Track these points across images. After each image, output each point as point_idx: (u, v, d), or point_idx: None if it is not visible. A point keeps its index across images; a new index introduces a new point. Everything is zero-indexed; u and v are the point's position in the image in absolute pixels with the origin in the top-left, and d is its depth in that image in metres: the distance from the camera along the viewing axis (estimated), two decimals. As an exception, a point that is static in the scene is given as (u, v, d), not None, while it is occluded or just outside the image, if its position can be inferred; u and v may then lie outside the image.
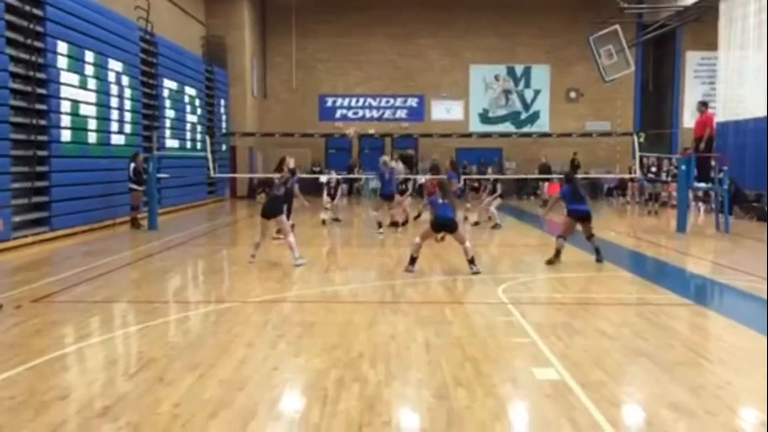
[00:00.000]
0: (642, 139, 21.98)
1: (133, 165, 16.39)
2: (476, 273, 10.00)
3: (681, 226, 15.63)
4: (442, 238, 11.83)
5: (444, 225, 10.35)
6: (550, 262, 11.03)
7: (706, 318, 7.87)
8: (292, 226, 12.49)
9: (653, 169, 25.00)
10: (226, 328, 6.98)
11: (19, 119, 13.25)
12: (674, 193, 19.81)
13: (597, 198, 27.86)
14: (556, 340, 6.48)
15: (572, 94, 31.29)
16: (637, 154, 20.83)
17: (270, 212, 11.20)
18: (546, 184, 23.83)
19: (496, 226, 16.50)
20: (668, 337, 6.73)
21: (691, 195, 19.90)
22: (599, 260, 11.17)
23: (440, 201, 10.44)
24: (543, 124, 31.40)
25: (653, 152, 25.22)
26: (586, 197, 12.04)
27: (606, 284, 9.69)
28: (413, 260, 10.31)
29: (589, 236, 11.43)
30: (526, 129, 31.14)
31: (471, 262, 10.16)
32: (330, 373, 5.47)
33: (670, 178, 23.13)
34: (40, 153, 13.94)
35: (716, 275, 10.59)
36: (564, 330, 6.86)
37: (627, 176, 23.44)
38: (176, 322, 7.47)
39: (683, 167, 15.90)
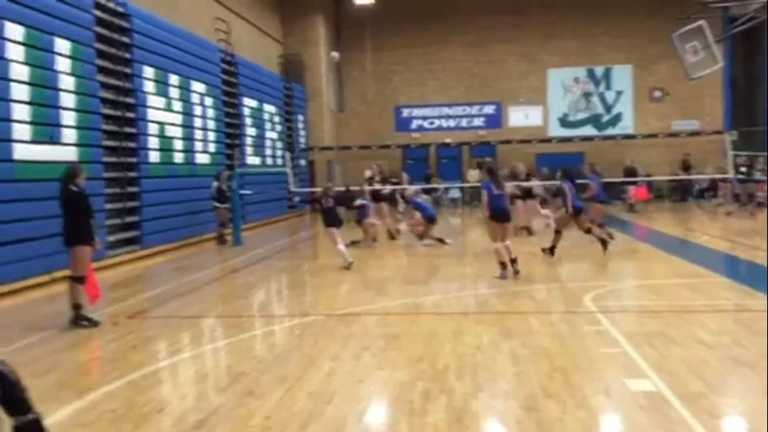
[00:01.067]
0: (734, 138, 21.02)
1: (216, 183, 16.85)
2: (517, 272, 10.38)
3: (779, 228, 14.82)
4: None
5: (500, 216, 10.62)
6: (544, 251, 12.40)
7: (813, 324, 7.40)
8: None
9: (743, 168, 23.86)
10: (311, 342, 7.05)
11: (111, 143, 13.87)
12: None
13: (687, 200, 26.83)
14: (650, 349, 6.22)
15: (656, 94, 30.27)
16: (729, 153, 19.94)
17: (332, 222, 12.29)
18: (632, 187, 23.09)
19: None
20: (771, 345, 6.36)
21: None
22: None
23: (495, 192, 10.61)
24: (626, 126, 30.49)
25: (747, 150, 24.07)
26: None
27: (701, 290, 9.26)
28: (504, 265, 10.41)
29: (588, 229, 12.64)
30: (608, 131, 30.32)
31: (514, 261, 10.48)
32: (416, 386, 5.43)
33: (766, 177, 22.01)
34: (131, 174, 14.55)
35: (821, 278, 9.97)
36: (658, 339, 6.58)
37: (719, 176, 22.43)
38: (263, 335, 7.61)
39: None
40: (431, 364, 6.02)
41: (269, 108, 24.21)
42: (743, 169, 23.72)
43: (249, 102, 22.19)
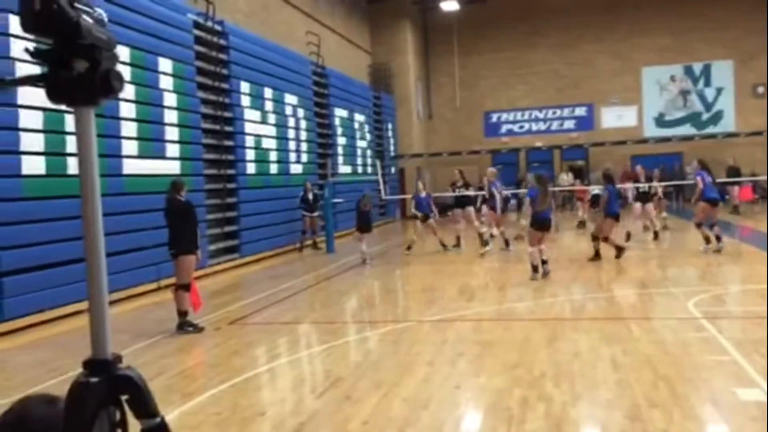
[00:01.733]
0: None
1: (302, 192, 17.24)
2: (546, 273, 10.86)
3: None
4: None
5: (543, 224, 11.14)
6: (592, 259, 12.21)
7: None
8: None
9: None
10: (406, 347, 7.11)
11: (210, 156, 14.45)
12: None
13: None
14: (760, 357, 5.93)
15: (760, 89, 28.72)
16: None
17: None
18: (736, 188, 22.01)
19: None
20: None
21: None
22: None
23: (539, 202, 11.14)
24: (728, 124, 29.09)
25: None
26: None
27: (815, 295, 8.73)
28: (535, 268, 10.88)
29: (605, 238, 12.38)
30: (709, 130, 29.02)
31: (545, 262, 10.96)
32: (513, 392, 5.39)
33: None
34: (229, 186, 15.10)
35: None
36: (768, 347, 6.27)
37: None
38: (358, 341, 7.73)
39: None
40: (528, 370, 5.96)
41: (359, 117, 24.57)
42: None
43: (339, 112, 22.59)
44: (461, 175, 16.67)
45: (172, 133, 12.72)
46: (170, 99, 12.73)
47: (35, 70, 1.36)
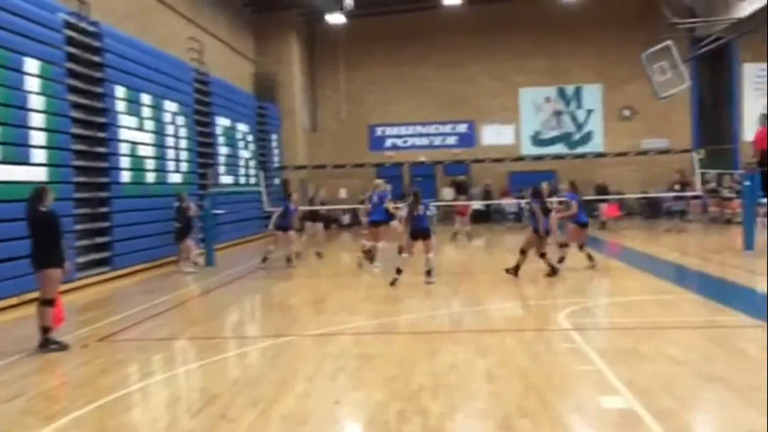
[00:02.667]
0: (701, 156, 21.42)
1: (177, 204, 16.43)
2: (430, 283, 11.62)
3: (748, 244, 15.07)
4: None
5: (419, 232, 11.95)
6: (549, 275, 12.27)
7: (781, 339, 7.51)
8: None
9: (712, 185, 24.33)
10: (285, 363, 6.99)
11: (81, 162, 13.71)
12: (738, 210, 19.18)
13: (658, 217, 27.18)
14: (623, 366, 6.27)
15: (626, 113, 30.73)
16: (698, 171, 20.30)
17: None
18: (604, 205, 23.35)
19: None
20: (740, 360, 6.45)
21: (758, 211, 19.20)
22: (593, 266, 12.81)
23: (415, 213, 11.97)
24: (597, 144, 30.88)
25: (714, 168, 24.54)
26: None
27: (672, 307, 9.37)
28: (399, 271, 11.71)
29: (543, 254, 12.52)
30: (579, 150, 30.70)
31: (428, 273, 11.75)
32: (391, 406, 5.41)
33: (734, 195, 22.43)
34: (101, 194, 14.38)
35: (789, 294, 10.13)
36: (631, 356, 6.64)
37: (688, 194, 22.79)
38: (236, 357, 7.52)
39: (747, 183, 15.38)
40: (406, 383, 6.00)
41: (242, 127, 24.14)
42: (713, 185, 24.22)
43: (222, 121, 22.11)
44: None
45: (38, 138, 11.99)
46: (37, 101, 12.01)
47: None
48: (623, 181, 27.52)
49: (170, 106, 17.77)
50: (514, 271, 12.31)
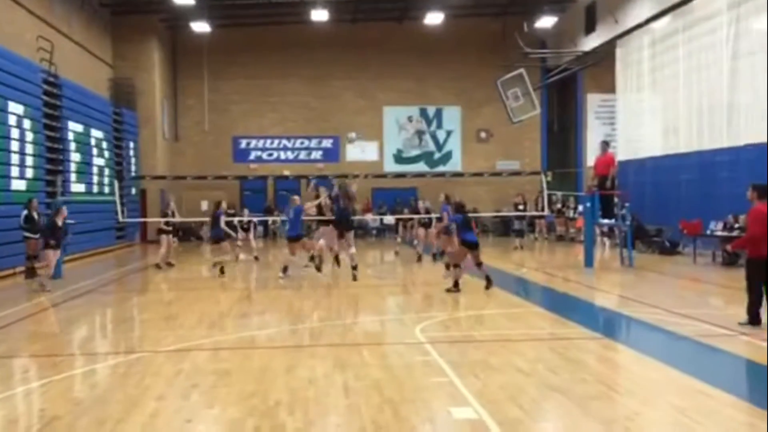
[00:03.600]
0: (549, 178, 22.83)
1: (25, 212, 15.41)
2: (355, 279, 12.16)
3: (588, 261, 16.21)
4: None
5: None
6: (449, 291, 12.16)
7: (615, 351, 8.14)
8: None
9: (558, 206, 26.02)
10: (135, 381, 6.69)
11: None
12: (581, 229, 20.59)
13: (509, 235, 28.62)
14: (474, 378, 6.54)
15: (482, 135, 32.22)
16: (545, 192, 21.60)
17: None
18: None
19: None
20: (580, 371, 6.92)
21: (597, 230, 20.71)
22: (489, 287, 12.32)
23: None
24: (455, 164, 32.12)
25: (560, 190, 26.23)
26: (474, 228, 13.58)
27: (520, 320, 9.89)
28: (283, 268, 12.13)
29: (479, 264, 12.49)
30: (439, 169, 31.78)
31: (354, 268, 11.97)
32: (246, 423, 5.33)
33: (577, 215, 24.07)
34: (-68, 200, 13.16)
35: (623, 308, 10.98)
36: (481, 368, 6.94)
37: (536, 213, 24.19)
38: (82, 375, 7.11)
39: (588, 204, 16.56)
40: (263, 399, 5.94)
41: (97, 133, 22.95)
42: (559, 206, 25.87)
43: (74, 126, 20.91)
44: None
45: None
46: None
47: None
48: (479, 200, 28.75)
49: (15, 107, 16.59)
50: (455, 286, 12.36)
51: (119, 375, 7.04)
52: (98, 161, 23.09)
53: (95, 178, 22.74)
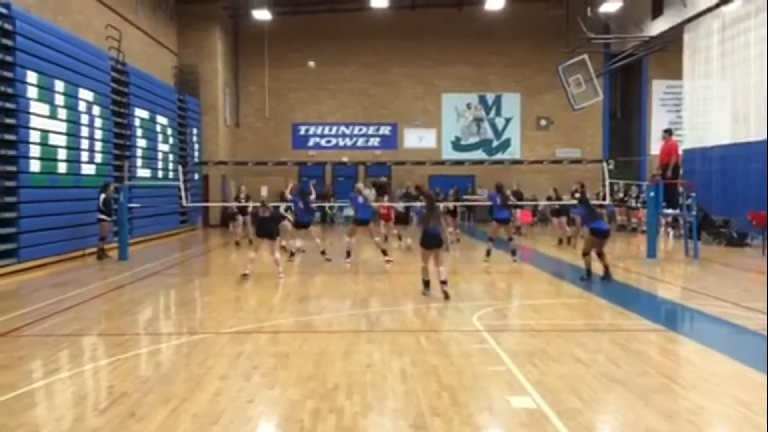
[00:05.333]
0: (611, 166, 22.34)
1: (103, 195, 16.19)
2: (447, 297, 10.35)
3: (651, 252, 15.83)
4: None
5: (433, 241, 10.60)
6: (583, 280, 12.09)
7: (678, 343, 7.96)
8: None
9: (620, 195, 25.45)
10: (199, 361, 6.88)
11: (-13, 149, 13.09)
12: (644, 219, 20.13)
13: (571, 224, 28.15)
14: (532, 367, 6.50)
15: (542, 122, 31.76)
16: (607, 180, 21.15)
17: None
18: (518, 211, 24.00)
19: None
20: (641, 363, 6.79)
21: (661, 221, 20.21)
22: (607, 277, 12.27)
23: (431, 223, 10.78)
24: (514, 152, 31.77)
25: (623, 179, 25.64)
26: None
27: (579, 310, 9.76)
28: (426, 284, 10.77)
29: (600, 254, 12.40)
30: (497, 156, 31.48)
31: (444, 282, 10.49)
32: (305, 405, 5.42)
33: (639, 205, 23.50)
34: (8, 184, 13.74)
35: (686, 300, 10.73)
36: (539, 357, 6.88)
37: (596, 203, 23.69)
38: (148, 354, 7.36)
39: (651, 194, 16.16)
40: (321, 382, 6.03)
41: (162, 120, 23.54)
42: (621, 195, 25.31)
43: (140, 113, 21.49)
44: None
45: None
46: (-59, 83, 11.36)
47: None
48: (538, 189, 28.37)
49: (86, 94, 17.15)
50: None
51: (183, 355, 7.25)
52: (163, 147, 23.69)
53: (160, 164, 23.36)
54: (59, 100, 15.78)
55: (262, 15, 27.46)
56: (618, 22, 27.21)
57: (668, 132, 17.21)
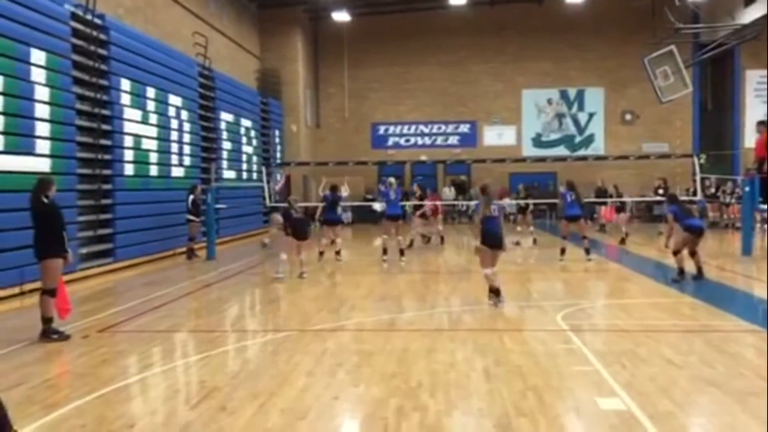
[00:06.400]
0: (702, 161, 21.45)
1: (192, 197, 16.79)
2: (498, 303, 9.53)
3: (746, 249, 15.12)
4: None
5: (493, 242, 9.62)
6: (675, 281, 11.56)
7: (778, 345, 7.56)
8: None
9: (712, 190, 24.38)
10: (285, 357, 7.03)
11: (85, 154, 13.76)
12: (738, 215, 19.24)
13: (654, 221, 27.24)
14: (621, 368, 6.32)
15: (627, 116, 30.80)
16: (698, 175, 20.33)
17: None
18: (603, 207, 23.38)
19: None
20: (737, 365, 6.49)
21: (756, 217, 19.27)
22: (700, 276, 11.72)
23: (488, 214, 9.67)
24: (598, 147, 30.94)
25: (715, 173, 24.57)
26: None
27: (670, 310, 9.41)
28: (496, 291, 9.61)
29: (693, 252, 11.90)
30: (581, 152, 30.74)
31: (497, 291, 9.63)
32: (389, 403, 5.45)
33: (733, 200, 22.48)
34: (105, 187, 14.43)
35: (786, 300, 10.18)
36: (628, 358, 6.68)
37: (687, 199, 22.82)
38: (236, 351, 7.57)
39: (747, 188, 15.43)
40: (405, 380, 6.05)
41: (246, 122, 24.19)
42: (713, 191, 24.26)
43: (226, 116, 22.15)
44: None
45: (42, 129, 12.03)
46: (42, 92, 12.05)
47: None
48: (623, 185, 27.50)
49: (175, 100, 17.82)
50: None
51: (270, 352, 7.42)
52: (247, 149, 24.34)
53: (244, 165, 24.00)
54: (150, 105, 16.46)
55: (341, 16, 27.81)
56: (708, 10, 26.06)
57: (763, 124, 16.36)
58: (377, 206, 19.17)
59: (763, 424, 4.85)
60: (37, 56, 11.94)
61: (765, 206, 16.24)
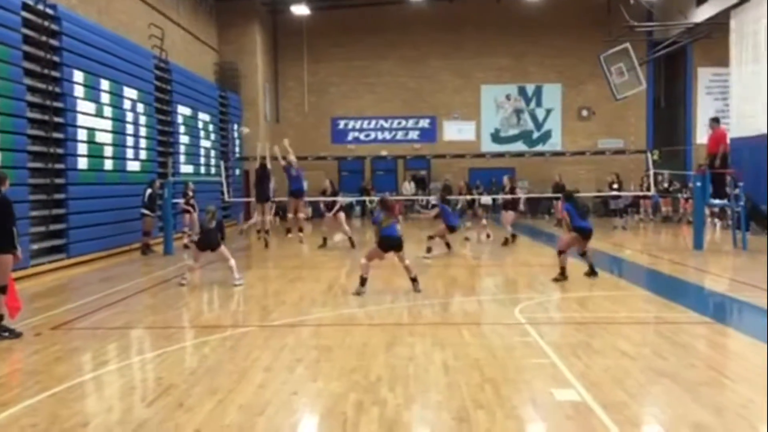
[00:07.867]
0: (656, 157, 21.94)
1: (149, 191, 16.53)
2: (418, 291, 10.28)
3: (698, 243, 15.52)
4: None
5: (392, 244, 10.47)
6: (556, 280, 11.26)
7: (726, 336, 7.79)
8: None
9: (665, 185, 24.96)
10: (244, 353, 6.98)
11: (37, 148, 13.43)
12: (690, 210, 19.73)
13: (609, 216, 27.75)
14: (576, 360, 6.44)
15: (584, 113, 31.29)
16: (651, 171, 20.78)
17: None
18: (559, 203, 23.71)
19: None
20: (689, 356, 6.67)
21: (707, 211, 19.79)
22: (593, 274, 11.61)
23: (382, 220, 10.52)
24: (555, 143, 31.39)
25: (668, 169, 25.15)
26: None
27: (624, 303, 9.62)
28: (363, 281, 10.33)
29: (583, 252, 11.81)
30: (538, 148, 31.15)
31: (414, 280, 10.45)
32: (349, 397, 5.46)
33: (687, 195, 23.04)
34: (57, 181, 14.10)
35: (735, 292, 10.49)
36: (583, 350, 6.81)
37: (641, 194, 23.32)
38: (194, 347, 7.49)
39: (698, 184, 15.82)
40: (364, 375, 6.06)
41: (204, 116, 23.88)
42: (666, 185, 24.83)
43: (183, 110, 21.83)
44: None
45: (-9, 121, 11.70)
46: (-9, 84, 11.71)
47: None
48: (580, 180, 28.01)
49: (130, 92, 17.49)
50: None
51: (228, 347, 7.35)
52: (205, 143, 24.04)
53: (202, 160, 23.70)
54: (105, 98, 16.13)
55: (300, 10, 27.63)
56: (661, 9, 26.65)
57: (716, 120, 16.81)
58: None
59: (713, 413, 5.00)
60: (-14, 47, 11.61)
61: (716, 201, 16.65)
